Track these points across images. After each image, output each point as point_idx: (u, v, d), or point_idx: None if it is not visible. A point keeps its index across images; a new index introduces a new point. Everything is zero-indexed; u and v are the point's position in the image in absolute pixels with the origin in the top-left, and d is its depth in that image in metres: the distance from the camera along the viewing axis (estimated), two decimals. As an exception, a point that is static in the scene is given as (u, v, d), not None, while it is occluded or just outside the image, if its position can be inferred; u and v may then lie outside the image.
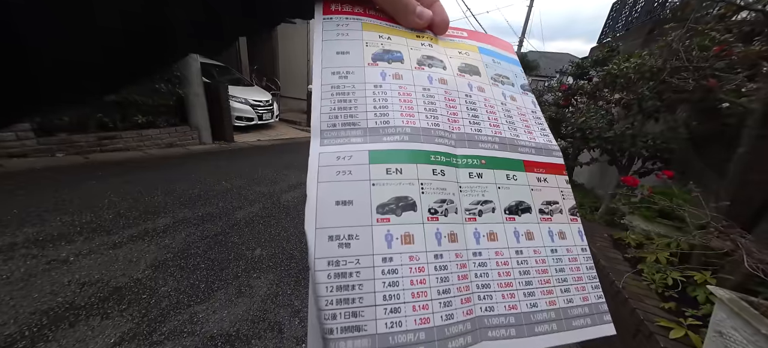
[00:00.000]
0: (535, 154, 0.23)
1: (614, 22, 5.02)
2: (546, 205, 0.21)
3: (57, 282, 1.60)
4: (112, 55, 0.15)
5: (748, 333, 0.83)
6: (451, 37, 0.26)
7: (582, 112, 3.08)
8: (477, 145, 0.21)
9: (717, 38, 1.75)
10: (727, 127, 1.72)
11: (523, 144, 0.23)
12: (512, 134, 0.23)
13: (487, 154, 0.21)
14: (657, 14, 3.50)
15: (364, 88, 0.20)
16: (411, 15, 0.22)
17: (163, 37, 0.16)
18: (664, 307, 1.30)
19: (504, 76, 0.26)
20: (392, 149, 0.19)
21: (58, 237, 1.95)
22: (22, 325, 1.31)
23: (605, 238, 1.94)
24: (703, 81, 1.73)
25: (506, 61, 0.27)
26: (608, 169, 3.01)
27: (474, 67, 0.24)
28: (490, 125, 0.22)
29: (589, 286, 0.21)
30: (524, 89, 0.27)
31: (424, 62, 0.22)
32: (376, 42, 0.22)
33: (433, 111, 0.21)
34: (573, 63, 4.25)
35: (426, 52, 0.23)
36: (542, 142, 0.24)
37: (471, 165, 0.20)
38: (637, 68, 2.21)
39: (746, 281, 1.15)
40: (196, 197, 2.83)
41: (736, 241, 1.08)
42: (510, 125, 0.23)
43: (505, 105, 0.24)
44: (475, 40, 0.27)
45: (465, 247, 0.18)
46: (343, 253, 0.15)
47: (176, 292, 1.66)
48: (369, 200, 0.17)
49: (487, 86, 0.24)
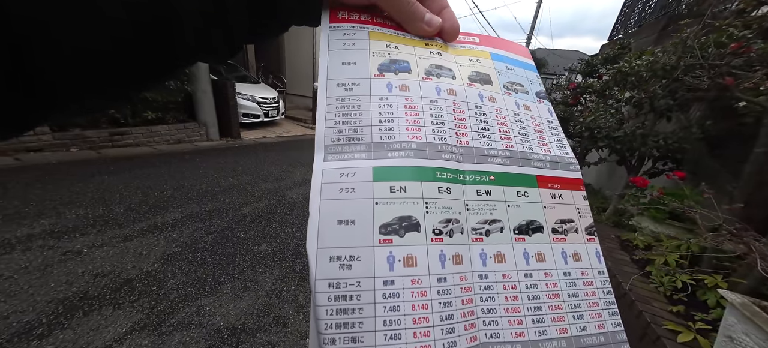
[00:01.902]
0: (549, 169, 0.21)
1: (626, 18, 4.88)
2: (560, 224, 0.20)
3: (72, 272, 1.66)
4: (121, 47, 0.15)
5: (760, 338, 0.81)
6: (462, 44, 0.25)
7: (591, 110, 3.01)
8: (486, 160, 0.20)
9: (735, 34, 1.69)
10: (743, 127, 1.66)
11: (537, 157, 0.21)
12: (525, 147, 0.21)
13: (496, 169, 0.20)
14: (672, 10, 3.39)
15: (369, 100, 0.20)
16: (419, 22, 0.21)
17: (170, 31, 0.16)
18: (672, 311, 1.27)
19: (518, 84, 0.25)
20: (397, 166, 0.18)
21: (73, 229, 2.02)
22: (40, 313, 1.37)
23: (613, 240, 1.90)
24: (718, 79, 1.67)
25: (521, 66, 0.26)
26: (616, 169, 2.95)
27: (485, 76, 0.23)
28: (500, 138, 0.21)
29: (606, 312, 0.19)
30: (540, 97, 0.25)
31: (433, 72, 0.21)
32: (383, 51, 0.21)
33: (441, 124, 0.20)
34: (582, 60, 4.16)
35: (435, 60, 0.22)
36: (558, 154, 0.22)
37: (479, 182, 0.19)
38: (649, 66, 2.15)
39: (759, 286, 1.11)
40: (204, 193, 2.89)
41: (749, 244, 1.04)
42: (523, 137, 0.22)
43: (519, 115, 0.23)
44: (488, 46, 0.26)
45: (470, 269, 0.17)
46: (344, 274, 0.15)
47: (184, 285, 1.70)
48: (372, 220, 0.16)
49: (499, 96, 0.23)
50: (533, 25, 13.24)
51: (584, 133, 2.83)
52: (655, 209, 1.83)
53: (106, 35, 0.14)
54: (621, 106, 2.84)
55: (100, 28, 0.14)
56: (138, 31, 0.15)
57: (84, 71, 0.15)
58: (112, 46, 0.15)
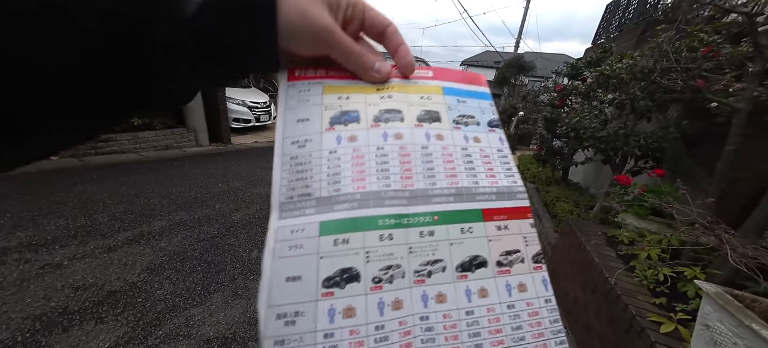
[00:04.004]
0: (495, 200, 0.22)
1: (608, 23, 5.09)
2: (505, 256, 0.20)
3: (50, 287, 1.59)
4: (95, 63, 0.15)
5: (733, 325, 0.85)
6: (416, 80, 0.25)
7: (576, 112, 3.12)
8: (430, 201, 0.20)
9: (705, 39, 1.79)
10: (715, 126, 1.75)
11: (483, 191, 0.22)
12: (470, 182, 0.22)
13: (440, 209, 0.20)
14: (649, 16, 3.56)
15: (319, 155, 0.20)
16: (369, 71, 0.23)
17: (142, 47, 0.16)
18: (655, 303, 1.32)
19: (469, 116, 0.25)
20: (340, 219, 0.19)
21: (52, 241, 1.94)
22: (14, 331, 1.30)
23: (599, 236, 1.96)
24: (691, 81, 1.76)
25: (474, 97, 0.26)
26: (603, 168, 3.05)
27: (434, 113, 0.24)
28: (446, 176, 0.21)
29: (552, 342, 0.19)
30: (492, 126, 0.25)
31: (381, 117, 0.22)
32: (334, 104, 0.22)
33: (386, 171, 0.21)
34: (568, 64, 4.31)
35: (384, 105, 0.23)
36: (506, 184, 0.23)
37: (422, 223, 0.20)
38: (629, 69, 2.24)
39: (734, 276, 1.17)
40: (193, 199, 2.82)
41: (720, 237, 1.10)
42: (469, 172, 0.22)
43: (467, 149, 0.23)
44: (441, 80, 0.26)
45: (412, 312, 0.18)
46: (289, 331, 0.16)
47: (172, 296, 1.65)
48: (316, 274, 0.17)
49: (448, 132, 0.23)
50: (521, 29, 13.61)
51: (571, 134, 2.92)
52: (638, 206, 1.90)
53: (80, 48, 0.14)
54: (604, 107, 2.95)
55: (73, 41, 0.14)
56: (114, 43, 0.15)
57: (53, 93, 0.14)
58: (86, 61, 0.14)
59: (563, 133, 3.20)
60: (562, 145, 3.71)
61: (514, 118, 9.31)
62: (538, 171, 4.31)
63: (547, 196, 3.24)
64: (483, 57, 22.06)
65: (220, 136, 4.97)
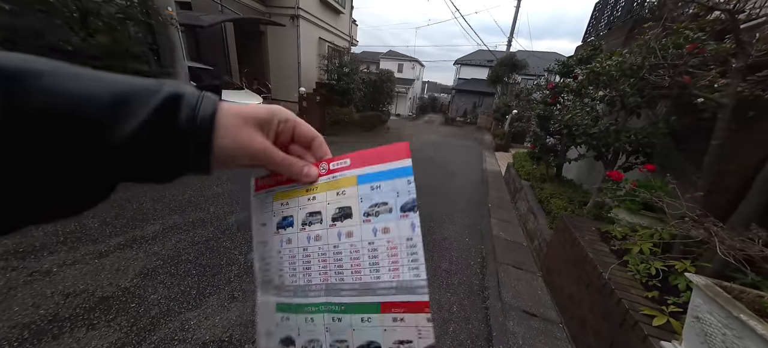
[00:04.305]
0: (395, 294, 0.24)
1: (597, 21, 5.18)
2: (397, 345, 0.23)
3: (39, 294, 1.55)
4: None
5: (722, 316, 0.88)
6: (334, 173, 0.28)
7: (568, 109, 3.16)
8: (339, 293, 0.26)
9: (690, 36, 1.83)
10: (702, 121, 1.79)
11: (383, 286, 0.24)
12: (373, 277, 0.25)
13: (347, 301, 0.25)
14: (637, 13, 3.63)
15: (272, 254, 0.28)
16: (301, 177, 0.28)
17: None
18: (647, 296, 1.34)
19: (381, 204, 0.26)
20: (284, 303, 0.28)
21: (40, 247, 1.89)
22: (1, 340, 1.27)
23: (593, 232, 1.99)
24: (678, 77, 1.80)
25: (391, 177, 0.26)
26: (595, 164, 3.10)
27: (346, 210, 0.26)
28: (352, 273, 0.25)
29: None
30: (405, 210, 0.25)
31: (306, 221, 0.27)
32: (279, 211, 0.28)
33: (309, 269, 0.27)
34: (559, 62, 4.37)
35: (309, 208, 0.27)
36: (407, 278, 0.24)
37: (334, 311, 0.26)
38: (618, 66, 2.29)
39: (723, 268, 1.20)
40: (187, 203, 2.78)
41: (709, 230, 1.13)
42: (372, 267, 0.25)
43: (373, 243, 0.25)
44: (357, 168, 0.27)
45: None
46: None
47: (166, 300, 1.62)
48: (277, 335, 0.27)
49: (357, 227, 0.26)
50: (513, 29, 13.75)
51: (563, 131, 2.96)
52: (630, 201, 1.94)
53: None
54: (596, 104, 2.99)
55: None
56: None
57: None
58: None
59: (556, 131, 3.25)
60: (556, 143, 3.76)
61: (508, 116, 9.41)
62: (532, 168, 4.36)
63: (541, 193, 3.27)
64: (476, 56, 22.23)
65: (214, 139, 4.90)
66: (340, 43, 9.74)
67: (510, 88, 12.66)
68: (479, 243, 2.82)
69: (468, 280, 2.20)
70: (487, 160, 7.17)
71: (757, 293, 0.93)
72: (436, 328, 1.69)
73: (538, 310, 1.92)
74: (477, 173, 5.83)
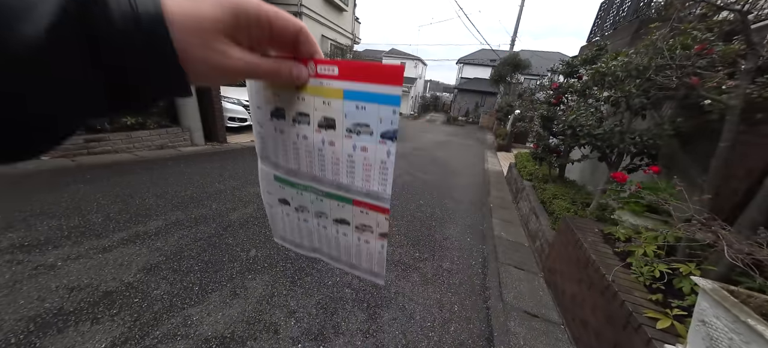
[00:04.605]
0: (364, 197, 0.30)
1: (602, 21, 5.13)
2: (361, 226, 0.32)
3: (44, 287, 1.56)
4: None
5: (728, 321, 0.87)
6: (321, 79, 0.26)
7: (572, 109, 3.14)
8: (321, 183, 0.31)
9: (698, 37, 1.81)
10: (709, 123, 1.77)
11: (356, 189, 0.30)
12: (348, 181, 0.30)
13: (326, 190, 0.32)
14: (643, 13, 3.59)
15: (268, 135, 0.31)
16: (292, 80, 0.26)
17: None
18: (651, 299, 1.33)
19: (363, 126, 0.26)
20: (278, 176, 0.34)
21: (45, 242, 1.90)
22: (7, 333, 1.28)
23: (596, 233, 1.98)
24: (685, 79, 1.78)
25: (377, 101, 0.25)
26: (599, 165, 3.08)
27: (331, 121, 0.28)
28: (332, 174, 0.30)
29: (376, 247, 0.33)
30: (384, 138, 0.26)
31: (297, 119, 0.29)
32: (271, 100, 0.29)
33: (297, 159, 0.31)
34: (563, 61, 4.33)
35: (299, 107, 0.28)
36: (375, 190, 0.29)
37: (317, 193, 0.33)
38: (624, 66, 2.26)
39: (729, 272, 1.19)
40: (189, 199, 2.79)
41: (717, 233, 1.12)
42: (349, 174, 0.29)
43: (352, 157, 0.28)
44: (345, 80, 0.26)
45: (315, 226, 0.36)
46: (273, 207, 0.38)
47: (169, 295, 1.63)
48: (276, 194, 0.36)
49: (339, 140, 0.28)
50: (516, 28, 13.64)
51: (567, 132, 2.94)
52: (634, 203, 1.92)
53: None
54: (600, 104, 2.97)
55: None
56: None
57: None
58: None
59: (560, 131, 3.22)
60: (559, 143, 3.74)
61: (511, 116, 9.36)
62: (534, 169, 4.33)
63: (544, 193, 3.26)
64: (479, 55, 22.10)
65: (216, 135, 4.92)
66: (342, 40, 9.71)
67: (513, 88, 12.59)
68: (481, 243, 2.82)
69: (469, 280, 2.20)
70: (489, 159, 7.15)
71: (764, 298, 0.92)
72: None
73: (539, 310, 1.91)
74: (479, 173, 5.81)
